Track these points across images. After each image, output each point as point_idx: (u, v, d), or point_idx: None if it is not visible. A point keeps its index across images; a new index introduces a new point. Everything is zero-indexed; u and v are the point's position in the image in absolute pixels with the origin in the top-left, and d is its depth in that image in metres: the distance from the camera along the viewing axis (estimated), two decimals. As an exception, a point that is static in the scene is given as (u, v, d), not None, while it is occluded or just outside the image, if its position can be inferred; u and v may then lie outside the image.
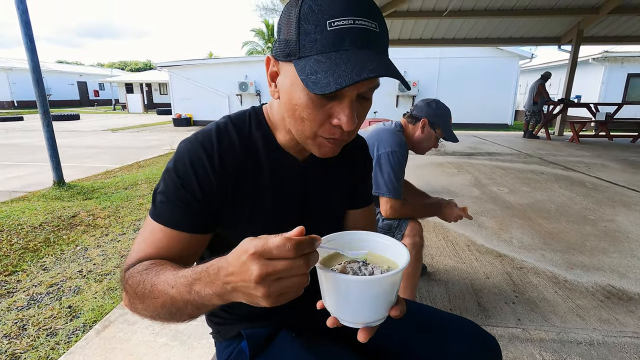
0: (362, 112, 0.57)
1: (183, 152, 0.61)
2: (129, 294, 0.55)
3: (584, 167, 5.41)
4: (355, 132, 0.60)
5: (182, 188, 0.60)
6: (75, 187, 4.23)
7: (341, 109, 0.54)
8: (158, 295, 0.50)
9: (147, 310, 0.53)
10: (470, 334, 0.75)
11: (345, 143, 0.61)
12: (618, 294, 1.97)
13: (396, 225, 1.60)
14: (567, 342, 1.59)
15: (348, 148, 0.78)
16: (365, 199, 0.85)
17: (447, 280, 2.13)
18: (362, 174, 0.82)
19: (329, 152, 0.60)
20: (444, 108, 1.69)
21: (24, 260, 2.43)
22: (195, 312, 0.49)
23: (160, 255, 0.59)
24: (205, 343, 1.59)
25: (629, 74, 12.24)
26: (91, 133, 11.14)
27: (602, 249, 2.54)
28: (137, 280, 0.53)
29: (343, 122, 0.54)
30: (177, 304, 0.48)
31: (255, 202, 0.66)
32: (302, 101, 0.54)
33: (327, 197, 0.75)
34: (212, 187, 0.61)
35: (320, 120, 0.55)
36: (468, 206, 1.90)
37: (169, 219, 0.60)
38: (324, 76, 0.49)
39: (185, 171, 0.60)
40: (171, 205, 0.61)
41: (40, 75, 4.03)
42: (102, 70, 39.06)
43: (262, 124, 0.68)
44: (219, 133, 0.64)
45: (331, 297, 0.50)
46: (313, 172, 0.72)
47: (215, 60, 15.26)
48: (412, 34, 8.95)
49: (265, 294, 0.40)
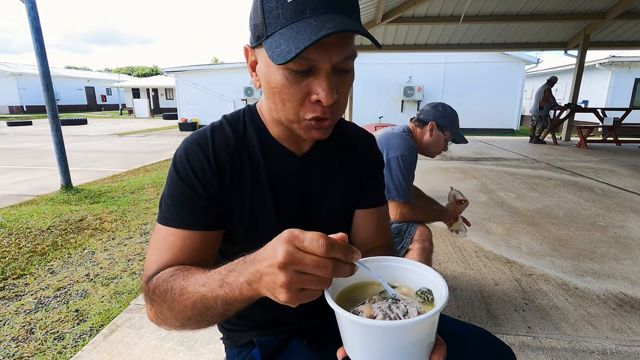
0: (342, 87, 0.56)
1: (180, 151, 0.64)
2: (156, 305, 0.54)
3: (592, 172, 5.35)
4: (340, 109, 0.58)
5: (183, 184, 0.61)
6: (83, 191, 4.26)
7: (318, 83, 0.53)
8: (188, 297, 0.50)
9: (176, 317, 0.52)
10: (486, 343, 0.74)
11: (333, 123, 0.60)
12: (630, 302, 1.93)
13: (405, 228, 1.59)
14: (579, 351, 1.55)
15: (353, 142, 0.77)
16: (374, 199, 0.78)
17: (456, 286, 2.10)
18: (369, 167, 0.78)
19: (316, 134, 0.59)
20: (451, 110, 1.68)
21: (31, 264, 2.44)
22: (225, 309, 0.48)
23: (178, 259, 0.60)
24: (212, 349, 1.58)
25: (636, 79, 12.14)
26: (98, 137, 11.25)
27: (612, 256, 2.50)
28: (165, 288, 0.53)
29: (322, 96, 0.53)
30: (208, 302, 0.48)
31: (254, 197, 0.66)
32: (279, 81, 0.54)
33: (332, 195, 0.73)
34: (211, 180, 0.62)
35: (299, 98, 0.55)
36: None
37: (179, 220, 0.61)
38: (286, 45, 0.49)
39: (183, 168, 0.62)
40: (177, 205, 0.62)
41: (49, 80, 4.08)
42: (109, 75, 39.56)
43: (255, 120, 0.69)
44: (214, 130, 0.66)
45: (357, 347, 0.42)
46: (313, 168, 0.71)
47: (221, 66, 15.39)
48: (417, 39, 8.97)
49: (285, 283, 0.39)
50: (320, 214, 0.72)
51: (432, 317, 0.39)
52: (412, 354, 0.41)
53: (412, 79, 13.30)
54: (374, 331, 0.39)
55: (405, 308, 0.42)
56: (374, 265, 0.50)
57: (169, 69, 15.08)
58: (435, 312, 0.39)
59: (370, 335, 0.40)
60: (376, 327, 0.38)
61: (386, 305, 0.43)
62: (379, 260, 0.51)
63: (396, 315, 0.41)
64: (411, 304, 0.43)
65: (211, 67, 15.22)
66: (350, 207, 0.77)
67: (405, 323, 0.38)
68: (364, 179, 0.77)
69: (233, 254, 0.67)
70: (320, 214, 0.72)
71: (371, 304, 0.44)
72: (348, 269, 0.40)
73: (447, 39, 8.96)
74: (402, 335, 0.39)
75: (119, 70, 61.49)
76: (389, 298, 0.45)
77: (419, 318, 0.38)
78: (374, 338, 0.40)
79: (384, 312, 0.42)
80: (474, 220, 3.14)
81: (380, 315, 0.41)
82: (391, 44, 9.28)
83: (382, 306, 0.43)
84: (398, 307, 0.43)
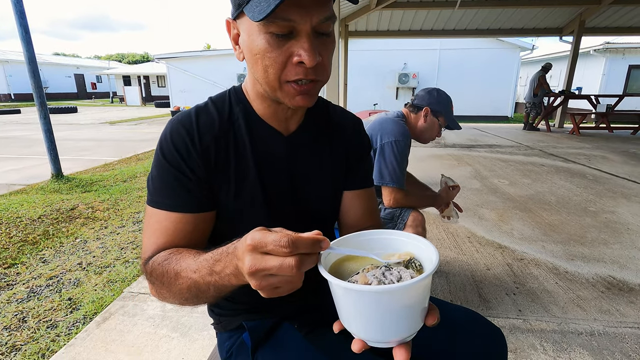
0: (324, 49, 0.56)
1: (166, 133, 0.63)
2: (155, 285, 0.58)
3: (585, 159, 5.39)
4: (324, 72, 0.58)
5: (170, 167, 0.61)
6: (74, 180, 4.20)
7: (299, 44, 0.53)
8: (182, 282, 0.52)
9: (174, 297, 0.55)
10: (477, 325, 0.74)
11: (316, 88, 0.59)
12: (619, 285, 1.97)
13: (398, 214, 1.59)
14: (568, 332, 1.59)
15: (340, 125, 0.76)
16: (361, 180, 0.78)
17: (448, 271, 2.12)
18: (357, 151, 0.77)
19: (300, 100, 0.58)
20: (445, 96, 1.67)
21: (23, 253, 2.42)
22: (217, 292, 0.50)
23: (172, 242, 0.61)
24: (206, 335, 1.59)
25: (630, 66, 12.16)
26: (89, 126, 11.07)
27: (602, 241, 2.54)
28: (160, 271, 0.56)
29: (304, 57, 0.53)
30: (201, 287, 0.50)
31: (241, 177, 0.65)
32: (261, 46, 0.54)
33: (319, 176, 0.72)
34: (197, 162, 0.62)
35: (281, 62, 0.54)
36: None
37: (170, 203, 0.61)
38: (266, 2, 0.49)
39: (169, 150, 0.62)
40: (166, 188, 0.62)
41: (36, 67, 3.97)
42: (99, 62, 38.72)
43: (241, 100, 0.68)
44: (198, 112, 0.65)
45: (353, 316, 0.42)
46: (299, 148, 0.70)
47: (213, 52, 15.13)
48: (412, 25, 8.86)
49: (257, 287, 0.41)
50: (308, 196, 0.72)
51: (425, 280, 0.40)
52: (407, 318, 0.41)
53: (407, 65, 13.20)
54: (370, 297, 0.39)
55: (398, 274, 0.43)
56: (365, 240, 0.51)
57: (160, 55, 14.80)
58: (427, 274, 0.39)
59: (366, 302, 0.40)
60: (372, 292, 0.38)
61: (380, 272, 0.43)
62: (370, 234, 0.52)
63: (390, 281, 0.42)
64: (404, 270, 0.44)
65: (204, 54, 14.96)
66: (338, 188, 0.77)
67: (399, 286, 0.39)
68: (351, 161, 0.77)
69: (223, 233, 0.67)
70: (308, 196, 0.72)
71: (365, 273, 0.44)
72: (314, 259, 0.41)
73: (442, 24, 8.87)
74: (398, 299, 0.39)
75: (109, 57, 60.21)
76: (382, 266, 0.45)
77: (412, 281, 0.39)
78: (370, 305, 0.40)
79: (378, 279, 0.42)
80: (467, 207, 3.16)
81: (375, 282, 0.42)
82: (386, 29, 9.17)
83: (376, 274, 0.43)
84: (392, 274, 0.43)
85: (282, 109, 0.66)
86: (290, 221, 0.68)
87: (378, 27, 9.01)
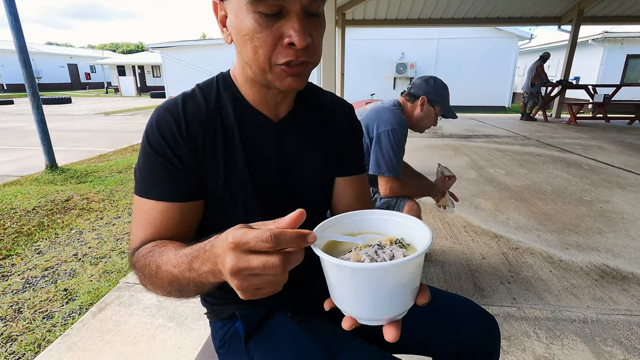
0: (315, 30, 0.55)
1: (152, 121, 0.62)
2: (140, 277, 0.57)
3: (581, 149, 5.40)
4: (314, 54, 0.56)
5: (157, 156, 0.60)
6: (69, 171, 4.17)
7: (289, 25, 0.52)
8: (164, 276, 0.51)
9: (158, 289, 0.55)
10: (471, 312, 0.75)
11: (307, 69, 0.58)
12: (612, 273, 1.99)
13: (394, 203, 1.59)
14: (561, 320, 1.60)
15: (331, 111, 0.75)
16: (353, 167, 0.77)
17: (444, 260, 2.13)
18: (348, 137, 0.76)
19: (291, 81, 0.57)
20: (442, 84, 1.65)
21: (17, 244, 2.41)
22: (197, 288, 0.49)
23: (159, 232, 0.60)
24: (202, 324, 1.59)
25: (628, 55, 12.10)
26: (84, 116, 10.95)
27: (597, 229, 2.56)
28: (143, 263, 0.55)
29: (294, 38, 0.51)
30: (181, 282, 0.49)
31: (229, 165, 0.64)
32: (249, 26, 0.52)
33: (310, 162, 0.71)
34: (184, 150, 0.60)
35: (271, 43, 0.53)
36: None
37: (157, 192, 0.60)
38: None
39: (155, 138, 0.60)
40: (154, 177, 0.60)
41: (27, 56, 3.89)
42: (93, 52, 38.15)
43: (229, 85, 0.66)
44: (185, 98, 0.64)
45: (345, 293, 0.42)
46: (289, 134, 0.69)
47: (209, 42, 14.92)
48: (409, 13, 8.75)
49: (238, 287, 0.39)
50: (299, 183, 0.70)
51: (418, 259, 0.39)
52: (399, 296, 0.41)
53: (404, 55, 13.07)
54: (363, 275, 0.39)
55: (391, 252, 0.43)
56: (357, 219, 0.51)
57: (155, 45, 14.59)
58: (420, 253, 0.39)
59: (358, 280, 0.39)
60: (365, 269, 0.38)
61: (372, 250, 0.43)
62: (362, 214, 0.52)
63: (382, 259, 0.42)
64: (397, 249, 0.44)
65: (199, 43, 14.75)
66: (330, 175, 0.75)
67: (392, 264, 0.38)
68: (342, 147, 0.75)
69: (212, 221, 0.66)
70: (299, 183, 0.70)
71: (358, 251, 0.44)
72: (300, 256, 0.39)
73: (440, 13, 8.76)
74: (390, 277, 0.39)
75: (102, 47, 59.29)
76: (374, 245, 0.45)
77: (405, 259, 0.38)
78: (362, 282, 0.40)
79: (371, 257, 0.42)
80: (463, 197, 3.17)
81: (367, 259, 0.41)
82: (383, 18, 9.05)
83: (368, 252, 0.43)
84: (384, 252, 0.43)
85: (272, 94, 0.64)
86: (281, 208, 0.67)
87: (375, 16, 8.89)
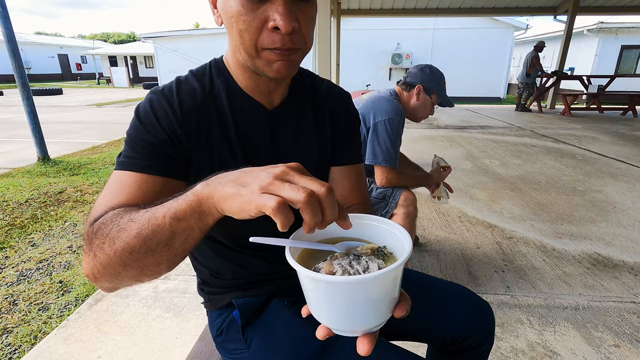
0: (302, 16, 0.53)
1: (144, 101, 0.60)
2: (94, 247, 0.46)
3: (575, 139, 5.44)
4: (304, 41, 0.55)
5: (144, 131, 0.57)
6: (61, 163, 4.12)
7: (274, 8, 0.51)
8: (133, 226, 0.43)
9: (116, 254, 0.44)
10: (466, 299, 0.76)
11: (297, 56, 0.56)
12: (604, 262, 2.02)
13: (390, 193, 1.59)
14: (553, 307, 1.63)
15: (327, 99, 0.74)
16: (349, 156, 0.76)
17: (439, 250, 2.15)
18: (344, 125, 0.75)
19: (280, 66, 0.55)
20: (438, 73, 1.64)
21: (11, 237, 2.39)
22: (174, 224, 0.41)
23: (130, 201, 0.52)
24: (199, 315, 1.60)
25: (622, 46, 12.14)
26: (75, 108, 10.78)
27: (589, 219, 2.59)
28: (109, 220, 0.46)
29: (279, 22, 0.50)
30: (153, 223, 0.42)
31: (223, 152, 0.63)
32: (235, 9, 0.52)
33: (305, 151, 0.70)
34: (175, 130, 0.58)
35: (256, 27, 0.52)
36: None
37: (136, 164, 0.55)
38: None
39: (146, 115, 0.58)
40: (136, 150, 0.56)
41: (16, 45, 3.81)
42: (83, 42, 37.43)
43: (222, 72, 0.65)
44: (179, 83, 0.63)
45: (319, 304, 0.41)
46: (284, 122, 0.68)
47: (203, 31, 14.69)
48: (405, 3, 8.66)
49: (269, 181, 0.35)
50: None
51: (393, 272, 0.37)
52: (373, 310, 0.40)
53: (400, 45, 12.98)
54: (332, 287, 0.37)
55: (366, 264, 0.41)
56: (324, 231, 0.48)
57: (147, 34, 14.34)
58: (395, 267, 0.37)
59: (328, 292, 0.38)
60: (334, 282, 0.36)
61: (347, 261, 0.41)
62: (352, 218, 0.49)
63: (356, 271, 0.40)
64: (373, 260, 0.41)
65: (192, 33, 14.52)
66: (325, 164, 0.74)
67: (363, 278, 0.36)
68: (338, 135, 0.74)
69: None
70: None
71: (332, 261, 0.42)
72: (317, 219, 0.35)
73: (436, 3, 8.68)
74: (362, 291, 0.37)
75: (93, 37, 58.20)
76: (351, 254, 0.43)
77: (377, 273, 0.37)
78: (334, 294, 0.38)
79: (344, 268, 0.40)
80: (458, 187, 3.19)
81: (340, 271, 0.40)
82: (379, 7, 8.96)
83: (342, 262, 0.41)
84: (359, 263, 0.41)
85: (264, 81, 0.63)
86: None
87: (371, 5, 8.79)
